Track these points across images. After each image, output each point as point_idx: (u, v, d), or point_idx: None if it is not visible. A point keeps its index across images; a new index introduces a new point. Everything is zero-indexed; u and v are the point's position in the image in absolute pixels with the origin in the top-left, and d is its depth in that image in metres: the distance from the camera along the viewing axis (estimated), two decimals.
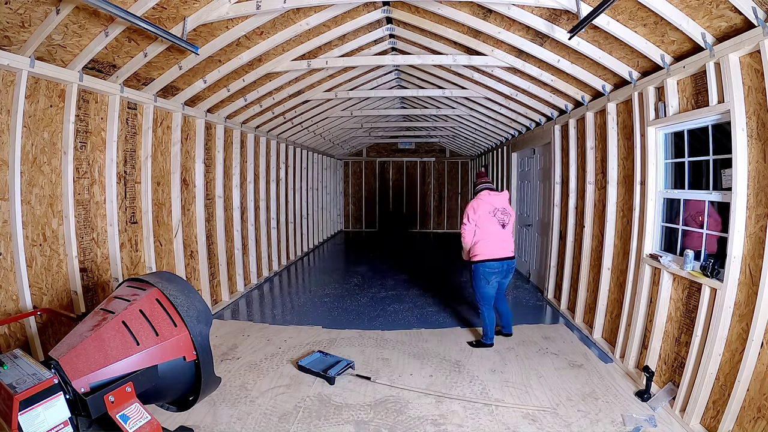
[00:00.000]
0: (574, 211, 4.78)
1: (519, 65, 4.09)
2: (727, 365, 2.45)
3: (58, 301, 3.15)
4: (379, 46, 4.73)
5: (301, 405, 2.93)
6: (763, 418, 2.19)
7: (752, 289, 2.31)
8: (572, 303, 4.72)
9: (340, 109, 7.03)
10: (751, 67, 2.30)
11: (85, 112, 3.40)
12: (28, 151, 2.92)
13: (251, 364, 3.58)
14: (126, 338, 1.99)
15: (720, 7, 2.25)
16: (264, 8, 3.02)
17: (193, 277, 4.87)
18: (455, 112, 7.08)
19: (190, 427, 2.57)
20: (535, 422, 2.73)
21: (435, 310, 5.08)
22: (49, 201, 3.08)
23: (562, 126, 5.05)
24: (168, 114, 4.38)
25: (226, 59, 3.89)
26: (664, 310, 3.06)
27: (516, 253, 3.88)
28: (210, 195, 5.21)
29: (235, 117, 5.54)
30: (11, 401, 1.62)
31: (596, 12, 2.42)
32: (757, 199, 2.32)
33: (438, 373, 3.42)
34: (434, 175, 12.89)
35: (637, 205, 3.37)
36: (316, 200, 10.00)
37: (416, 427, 2.68)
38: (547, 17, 3.11)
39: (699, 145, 2.94)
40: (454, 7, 3.38)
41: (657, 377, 3.08)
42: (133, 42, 3.14)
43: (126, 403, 1.86)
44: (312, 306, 5.35)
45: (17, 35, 2.58)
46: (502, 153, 8.14)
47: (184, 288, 2.30)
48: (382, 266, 7.80)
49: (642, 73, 3.27)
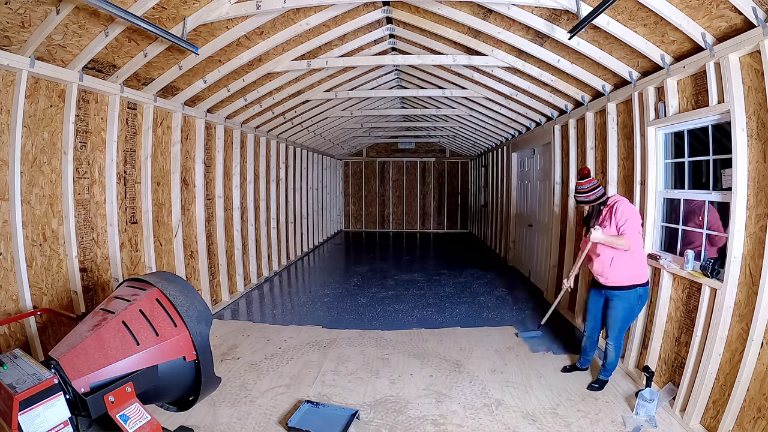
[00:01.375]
0: (574, 211, 4.77)
1: (519, 65, 4.09)
2: (727, 365, 2.45)
3: (58, 301, 3.15)
4: (379, 46, 4.73)
5: None
6: (763, 418, 2.19)
7: (752, 289, 2.31)
8: (572, 303, 4.71)
9: (340, 109, 7.03)
10: (751, 67, 2.30)
11: (85, 112, 3.40)
12: (28, 151, 2.92)
13: (251, 364, 3.58)
14: (126, 338, 1.99)
15: (720, 7, 2.25)
16: (264, 8, 3.02)
17: (193, 277, 4.87)
18: (455, 112, 7.08)
19: (190, 427, 2.57)
20: (535, 422, 2.73)
21: (435, 310, 5.07)
22: (49, 201, 3.08)
23: (562, 126, 5.05)
24: (168, 114, 4.38)
25: (226, 59, 3.89)
26: (664, 310, 3.06)
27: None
28: (210, 195, 5.21)
29: (235, 117, 5.54)
30: (11, 401, 1.62)
31: (596, 12, 2.42)
32: (757, 199, 2.32)
33: (438, 373, 3.42)
34: (434, 175, 12.89)
35: (637, 205, 3.37)
36: (316, 200, 10.00)
37: (416, 427, 2.68)
38: (547, 17, 3.11)
39: (699, 145, 2.94)
40: (454, 7, 3.38)
41: (657, 377, 3.08)
42: (133, 42, 3.14)
43: (126, 403, 1.86)
44: (312, 306, 5.35)
45: (17, 35, 2.58)
46: (502, 153, 8.14)
47: (184, 288, 2.30)
48: (381, 266, 7.80)
49: (642, 73, 3.27)
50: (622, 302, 2.99)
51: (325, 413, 2.77)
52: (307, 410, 2.79)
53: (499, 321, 4.70)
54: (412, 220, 13.02)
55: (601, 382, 3.17)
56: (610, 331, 3.08)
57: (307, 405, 2.83)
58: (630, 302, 2.98)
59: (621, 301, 2.99)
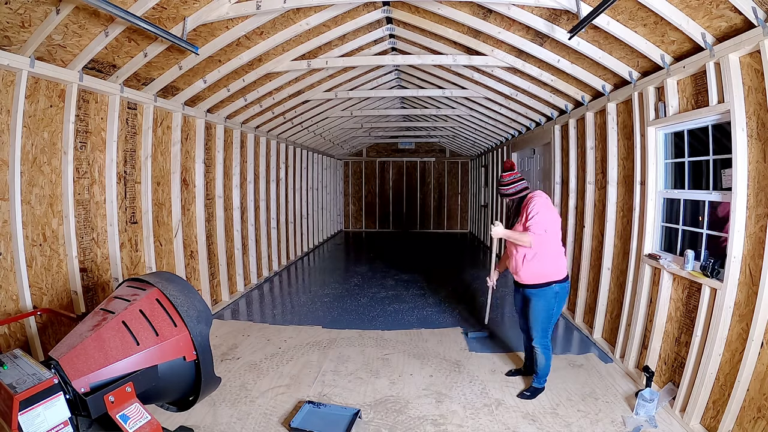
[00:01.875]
0: (574, 211, 4.78)
1: (519, 65, 4.09)
2: (727, 365, 2.45)
3: (58, 301, 3.15)
4: (379, 46, 4.73)
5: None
6: (763, 418, 2.19)
7: (752, 289, 2.31)
8: (572, 303, 4.72)
9: (340, 109, 7.03)
10: (751, 67, 2.30)
11: (85, 112, 3.40)
12: (28, 151, 2.92)
13: (251, 364, 3.58)
14: (126, 338, 1.99)
15: (720, 7, 2.25)
16: (264, 8, 3.02)
17: (193, 277, 4.87)
18: (455, 112, 7.08)
19: (190, 427, 2.57)
20: (535, 422, 2.73)
21: (435, 311, 5.07)
22: (49, 201, 3.08)
23: (562, 126, 5.05)
24: (168, 114, 4.38)
25: (226, 59, 3.89)
26: (664, 310, 3.06)
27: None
28: (210, 195, 5.21)
29: (235, 117, 5.54)
30: (11, 401, 1.62)
31: (596, 12, 2.42)
32: (757, 199, 2.32)
33: (438, 373, 3.42)
34: (434, 175, 12.89)
35: (637, 205, 3.37)
36: (316, 200, 10.00)
37: (416, 427, 2.68)
38: (547, 17, 3.11)
39: (699, 145, 2.94)
40: (454, 7, 3.38)
41: (657, 377, 3.08)
42: (133, 42, 3.14)
43: (126, 403, 1.86)
44: (312, 306, 5.35)
45: (17, 35, 2.58)
46: (502, 153, 8.14)
47: (184, 288, 2.30)
48: (381, 266, 7.80)
49: (642, 73, 3.27)
50: (539, 300, 2.87)
51: (327, 413, 2.75)
52: (308, 411, 2.77)
53: (499, 321, 4.70)
54: (412, 220, 13.01)
55: (534, 390, 3.00)
56: (533, 333, 2.94)
57: (308, 406, 2.81)
58: (546, 300, 2.85)
59: (537, 299, 2.88)
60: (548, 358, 2.96)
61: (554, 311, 2.90)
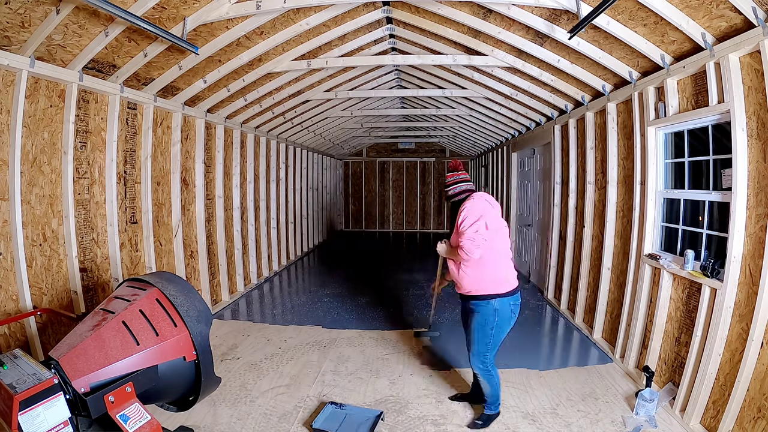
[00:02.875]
0: (574, 211, 4.77)
1: (519, 65, 4.09)
2: (727, 365, 2.45)
3: (58, 301, 3.15)
4: (379, 46, 4.73)
5: (301, 405, 2.93)
6: (763, 418, 2.19)
7: (752, 289, 2.31)
8: (572, 303, 4.72)
9: (340, 109, 7.03)
10: (751, 67, 2.31)
11: (85, 112, 3.40)
12: (28, 151, 2.92)
13: (251, 364, 3.58)
14: (126, 338, 1.99)
15: (720, 7, 2.25)
16: (264, 8, 3.02)
17: (193, 277, 4.87)
18: (455, 112, 7.08)
19: (190, 427, 2.57)
20: (535, 422, 2.73)
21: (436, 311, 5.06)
22: (49, 201, 3.08)
23: (562, 126, 5.05)
24: (168, 114, 4.38)
25: (226, 59, 3.89)
26: (664, 310, 3.06)
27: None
28: (210, 195, 5.21)
29: (235, 117, 5.54)
30: (11, 401, 1.62)
31: (596, 12, 2.42)
32: (757, 199, 2.32)
33: (438, 373, 3.41)
34: (434, 175, 12.88)
35: (637, 205, 3.37)
36: (316, 200, 10.00)
37: (416, 427, 2.68)
38: (547, 17, 3.11)
39: (699, 145, 2.94)
40: (454, 7, 3.38)
41: (657, 377, 3.08)
42: (133, 42, 3.14)
43: (126, 403, 1.86)
44: (312, 306, 5.35)
45: (17, 35, 2.58)
46: (502, 153, 8.13)
47: (184, 288, 2.30)
48: (381, 266, 7.80)
49: (642, 73, 3.27)
50: (476, 316, 2.53)
51: (349, 415, 2.74)
52: (331, 412, 2.77)
53: None
54: (412, 220, 13.02)
55: (486, 418, 2.65)
56: (470, 352, 2.60)
57: (330, 407, 2.81)
58: (483, 317, 2.49)
59: (475, 314, 2.54)
60: (492, 385, 2.60)
61: (493, 332, 2.50)
